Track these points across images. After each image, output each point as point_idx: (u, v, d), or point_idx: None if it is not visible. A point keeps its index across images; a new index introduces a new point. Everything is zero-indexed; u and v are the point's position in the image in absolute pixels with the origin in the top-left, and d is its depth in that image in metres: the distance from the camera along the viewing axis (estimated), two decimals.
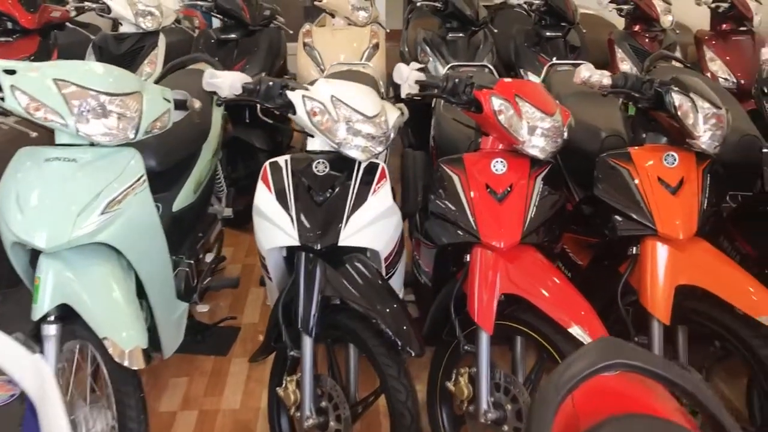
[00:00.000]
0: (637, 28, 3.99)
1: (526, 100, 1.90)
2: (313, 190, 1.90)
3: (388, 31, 4.24)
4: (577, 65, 3.20)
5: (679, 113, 1.91)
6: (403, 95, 1.97)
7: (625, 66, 3.85)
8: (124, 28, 3.77)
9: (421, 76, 1.93)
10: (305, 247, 1.86)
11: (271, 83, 1.87)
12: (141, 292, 2.00)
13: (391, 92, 3.84)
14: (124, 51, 3.69)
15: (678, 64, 3.28)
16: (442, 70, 3.73)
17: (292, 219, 1.86)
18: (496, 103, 1.87)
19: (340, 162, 1.92)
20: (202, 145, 2.63)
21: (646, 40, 3.94)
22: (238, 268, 3.41)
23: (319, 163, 1.91)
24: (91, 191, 1.81)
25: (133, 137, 1.90)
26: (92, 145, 1.87)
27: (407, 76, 1.92)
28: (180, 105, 2.13)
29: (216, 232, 2.89)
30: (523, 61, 3.89)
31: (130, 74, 2.00)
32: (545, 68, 3.13)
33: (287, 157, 1.97)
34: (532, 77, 3.81)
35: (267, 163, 1.99)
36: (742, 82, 3.76)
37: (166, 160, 2.38)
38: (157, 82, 2.96)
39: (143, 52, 3.72)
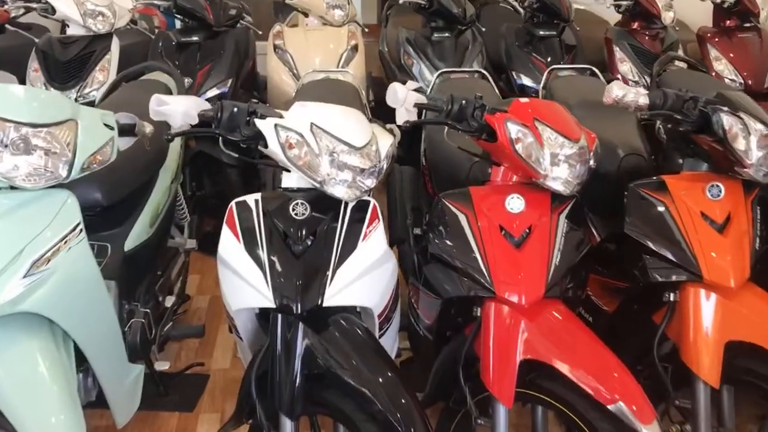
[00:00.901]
0: (635, 25, 3.69)
1: (547, 125, 1.58)
2: (290, 238, 1.55)
3: (366, 30, 3.88)
4: (581, 70, 2.92)
5: (728, 137, 1.61)
6: (399, 122, 1.62)
7: (625, 67, 3.55)
8: (72, 30, 3.36)
9: (421, 99, 1.59)
10: (282, 308, 1.51)
11: (235, 109, 1.51)
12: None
13: (372, 96, 3.49)
14: (71, 56, 3.28)
15: (684, 65, 2.98)
16: (429, 75, 3.40)
17: (265, 275, 1.52)
18: (513, 129, 1.54)
19: (323, 202, 1.58)
20: (158, 170, 2.26)
21: (646, 38, 3.64)
22: (206, 301, 3.05)
23: (297, 204, 1.56)
24: (10, 249, 1.44)
25: (65, 177, 1.53)
26: (12, 188, 1.50)
27: (404, 98, 1.58)
28: (127, 130, 1.76)
29: (178, 268, 2.52)
30: (516, 63, 3.56)
31: (60, 97, 1.63)
32: (545, 74, 2.81)
33: (257, 196, 1.62)
34: (526, 81, 3.50)
35: (233, 204, 1.63)
36: (750, 82, 3.49)
37: (113, 193, 2.01)
38: (104, 97, 2.58)
39: (94, 58, 3.31)
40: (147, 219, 2.18)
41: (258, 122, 1.49)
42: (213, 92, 3.28)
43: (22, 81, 3.22)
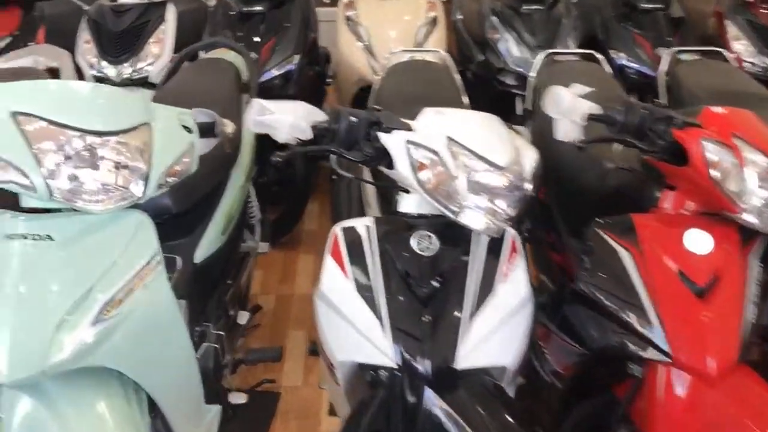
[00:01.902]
0: None
1: (748, 142, 1.23)
2: (412, 278, 1.24)
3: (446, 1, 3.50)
4: (707, 52, 2.52)
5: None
6: (560, 137, 1.29)
7: (740, 46, 3.11)
8: None
9: (595, 108, 1.25)
10: (404, 369, 1.22)
11: (353, 119, 1.19)
12: None
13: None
14: (124, 27, 2.98)
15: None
16: (517, 52, 3.02)
17: (383, 326, 1.22)
18: (712, 151, 1.19)
19: (451, 231, 1.27)
20: (231, 171, 1.97)
21: (766, 12, 3.20)
22: (271, 301, 2.78)
23: (422, 237, 1.24)
24: (75, 290, 1.16)
25: (140, 195, 1.24)
26: (72, 209, 1.22)
27: (571, 107, 1.24)
28: (205, 131, 1.46)
29: (248, 275, 2.24)
30: (615, 40, 3.15)
31: (130, 95, 1.32)
32: (668, 57, 2.41)
33: (368, 221, 1.31)
34: (628, 62, 3.09)
35: (338, 230, 1.33)
36: None
37: (185, 198, 1.72)
38: (165, 79, 2.28)
39: (148, 28, 3.02)
40: (219, 225, 1.89)
41: (383, 137, 1.17)
42: (278, 70, 2.95)
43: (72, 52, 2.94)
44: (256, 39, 3.00)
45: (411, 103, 2.00)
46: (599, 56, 2.40)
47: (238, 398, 1.83)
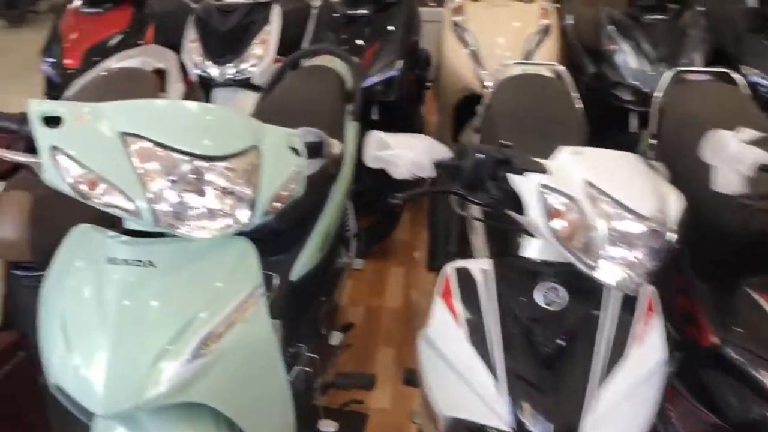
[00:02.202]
0: None
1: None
2: (535, 334, 1.11)
3: (558, 5, 3.31)
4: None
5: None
6: (722, 188, 1.12)
7: None
8: None
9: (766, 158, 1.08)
10: None
11: (481, 156, 1.07)
12: None
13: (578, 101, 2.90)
14: (230, 26, 2.97)
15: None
16: (635, 64, 2.80)
17: (497, 384, 1.10)
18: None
19: (581, 283, 1.13)
20: (331, 186, 1.89)
21: None
22: (359, 314, 2.70)
23: (548, 289, 1.11)
24: (175, 321, 1.10)
25: (246, 223, 1.17)
26: (169, 234, 1.16)
27: (737, 155, 1.08)
28: (313, 151, 1.38)
29: (339, 292, 2.17)
30: (747, 54, 2.87)
31: (239, 115, 1.25)
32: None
33: (486, 264, 1.19)
34: (759, 78, 2.81)
35: (450, 270, 1.22)
36: None
37: (285, 216, 1.64)
38: (270, 86, 2.23)
39: (253, 29, 2.99)
40: (317, 242, 1.82)
41: (514, 180, 1.05)
42: (380, 76, 2.86)
43: (178, 50, 2.96)
44: (360, 43, 2.92)
45: (525, 124, 1.87)
46: (736, 76, 2.16)
47: (327, 426, 1.75)
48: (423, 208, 3.46)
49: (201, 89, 2.92)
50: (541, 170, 1.06)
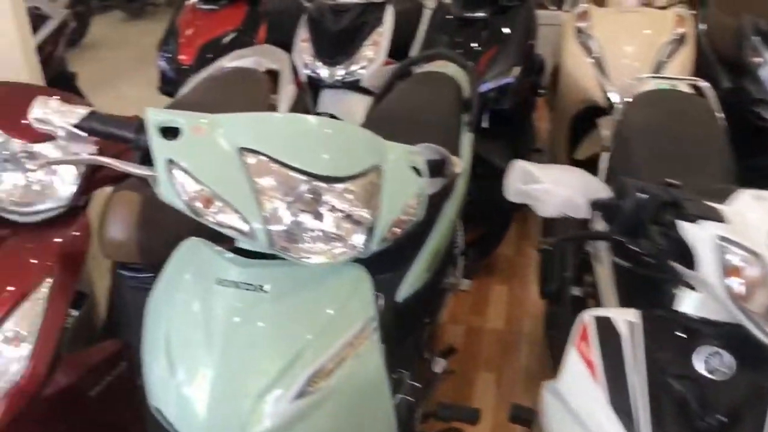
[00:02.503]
0: None
1: None
2: (690, 406, 0.95)
3: (694, 12, 3.04)
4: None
5: None
6: None
7: None
8: None
9: None
10: None
11: (644, 196, 0.92)
12: None
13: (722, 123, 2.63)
14: (342, 27, 2.91)
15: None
16: None
17: None
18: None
19: (749, 348, 0.95)
20: (444, 202, 1.77)
21: None
22: (460, 333, 2.57)
23: (711, 354, 0.95)
24: (284, 353, 1.02)
25: (363, 249, 1.07)
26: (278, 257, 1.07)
27: None
28: (434, 170, 1.26)
29: (443, 314, 2.05)
30: None
31: (359, 131, 1.15)
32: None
33: (633, 315, 1.03)
34: None
35: (589, 319, 1.07)
36: None
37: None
38: (382, 94, 2.13)
39: (365, 30, 2.92)
40: (426, 261, 1.70)
41: (685, 227, 0.89)
42: (495, 82, 2.71)
43: (288, 49, 2.92)
44: (476, 47, 2.78)
45: (663, 146, 1.68)
46: None
47: None
48: (529, 220, 3.29)
49: (309, 90, 2.88)
50: (718, 218, 0.89)
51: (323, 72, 2.87)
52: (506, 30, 2.82)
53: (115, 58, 5.79)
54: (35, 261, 1.18)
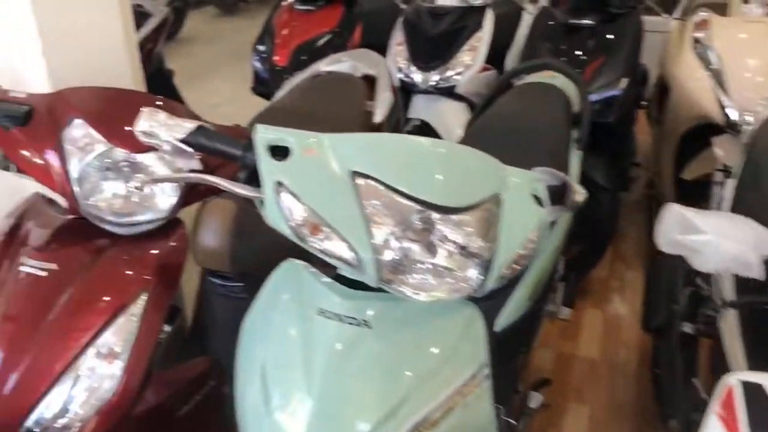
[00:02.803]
0: None
1: None
2: None
3: None
4: None
5: None
6: None
7: None
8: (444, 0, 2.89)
9: None
10: None
11: None
12: None
13: None
14: (440, 31, 2.82)
15: None
16: None
17: None
18: None
19: None
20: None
21: None
22: (549, 359, 2.43)
23: None
24: (388, 398, 0.94)
25: (476, 287, 0.97)
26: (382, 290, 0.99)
27: None
28: (555, 198, 1.15)
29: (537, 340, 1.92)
30: None
31: (478, 155, 1.05)
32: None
33: None
34: None
35: (735, 381, 0.94)
36: None
37: None
38: (484, 105, 2.02)
39: (463, 35, 2.82)
40: (528, 289, 1.59)
41: None
42: (600, 94, 2.55)
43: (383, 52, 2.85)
44: (581, 56, 2.62)
45: None
46: None
47: None
48: (625, 240, 3.11)
49: (401, 95, 2.80)
50: None
51: (417, 77, 2.79)
52: (614, 38, 2.65)
53: (208, 53, 5.90)
54: (132, 274, 1.14)
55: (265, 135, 0.95)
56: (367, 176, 0.94)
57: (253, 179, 0.98)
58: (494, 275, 0.98)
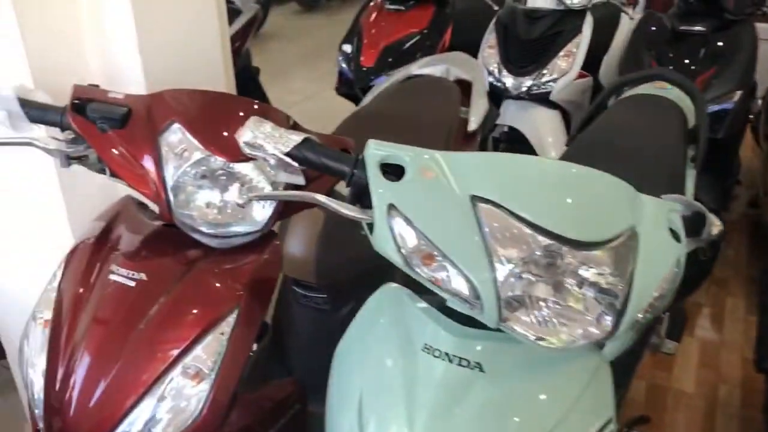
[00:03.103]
0: None
1: None
2: None
3: None
4: None
5: None
6: None
7: None
8: (541, 2, 2.75)
9: None
10: None
11: None
12: None
13: None
14: (536, 35, 2.69)
15: None
16: None
17: None
18: None
19: None
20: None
21: None
22: (641, 391, 2.26)
23: None
24: None
25: (607, 333, 0.86)
26: (498, 329, 0.88)
27: None
28: (691, 230, 1.01)
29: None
30: None
31: (612, 180, 0.92)
32: None
33: None
34: None
35: None
36: None
37: None
38: (586, 122, 1.87)
39: (560, 39, 2.67)
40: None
41: None
42: (711, 107, 2.37)
43: (475, 54, 2.73)
44: (691, 65, 2.44)
45: None
46: None
47: None
48: (723, 260, 2.88)
49: (489, 100, 2.68)
50: None
51: (508, 81, 2.67)
52: (728, 47, 2.46)
53: (287, 50, 5.92)
54: (224, 288, 1.08)
55: (377, 152, 0.87)
56: (489, 201, 0.83)
57: (360, 198, 0.90)
58: (628, 320, 0.86)
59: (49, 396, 1.09)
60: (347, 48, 2.95)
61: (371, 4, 3.02)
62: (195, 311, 1.06)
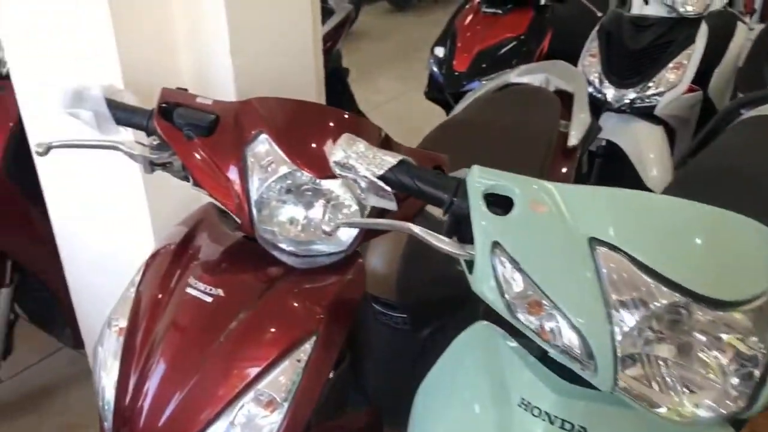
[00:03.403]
0: None
1: None
2: None
3: None
4: None
5: None
6: None
7: None
8: (650, 8, 2.57)
9: None
10: None
11: None
12: None
13: None
14: (643, 44, 2.50)
15: None
16: None
17: None
18: None
19: None
20: None
21: None
22: None
23: None
24: None
25: (736, 409, 0.73)
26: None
27: None
28: None
29: None
30: None
31: (755, 226, 0.79)
32: None
33: None
34: None
35: None
36: None
37: None
38: (698, 146, 1.71)
39: (671, 50, 2.48)
40: None
41: None
42: None
43: (575, 63, 2.57)
44: None
45: None
46: None
47: None
48: None
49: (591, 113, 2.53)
50: None
51: (610, 93, 2.51)
52: None
53: (375, 49, 5.87)
54: (303, 310, 1.01)
55: (482, 180, 0.77)
56: (609, 245, 0.72)
57: (458, 228, 0.80)
58: (760, 402, 0.73)
59: (120, 404, 1.05)
60: (440, 51, 2.85)
61: (467, 6, 2.91)
62: (273, 330, 1.00)
